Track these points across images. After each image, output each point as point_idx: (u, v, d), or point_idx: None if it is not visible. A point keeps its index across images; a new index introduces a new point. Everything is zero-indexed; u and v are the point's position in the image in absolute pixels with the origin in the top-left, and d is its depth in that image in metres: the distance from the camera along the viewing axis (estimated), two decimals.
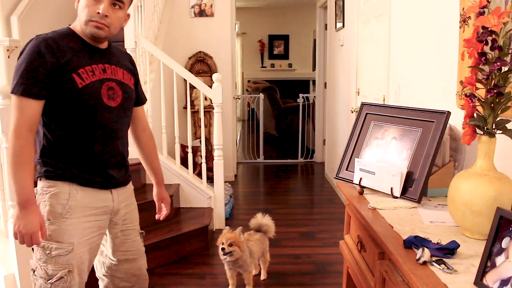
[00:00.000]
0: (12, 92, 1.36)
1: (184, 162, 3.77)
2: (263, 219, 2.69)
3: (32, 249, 1.47)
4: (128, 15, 1.55)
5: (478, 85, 1.19)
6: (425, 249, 1.09)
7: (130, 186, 1.67)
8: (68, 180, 1.45)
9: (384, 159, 1.68)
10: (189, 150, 3.55)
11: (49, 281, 1.42)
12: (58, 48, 1.38)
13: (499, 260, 0.95)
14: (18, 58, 1.40)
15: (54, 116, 1.43)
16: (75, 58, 1.41)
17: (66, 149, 1.45)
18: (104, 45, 1.53)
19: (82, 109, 1.43)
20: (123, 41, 3.19)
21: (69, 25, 1.51)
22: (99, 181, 1.50)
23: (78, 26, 1.47)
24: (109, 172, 1.53)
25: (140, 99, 1.68)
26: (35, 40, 1.38)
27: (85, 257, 1.48)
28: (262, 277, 2.73)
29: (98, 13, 1.39)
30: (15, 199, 1.37)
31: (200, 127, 4.87)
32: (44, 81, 1.36)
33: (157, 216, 1.82)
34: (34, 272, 1.47)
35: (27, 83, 1.34)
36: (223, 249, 2.36)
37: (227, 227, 2.47)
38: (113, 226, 1.59)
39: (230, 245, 2.36)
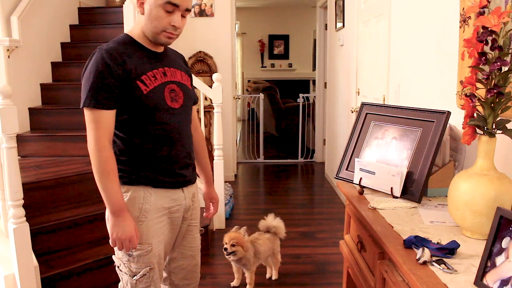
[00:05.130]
0: (84, 106, 1.38)
1: None
2: (273, 221, 2.68)
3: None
4: None
5: (478, 85, 1.19)
6: (425, 249, 1.09)
7: (196, 184, 1.69)
8: (142, 184, 1.48)
9: (384, 159, 1.67)
10: None
11: (134, 278, 1.50)
12: (121, 58, 1.41)
13: (499, 260, 0.95)
14: (83, 73, 1.41)
15: (122, 123, 1.45)
16: (137, 66, 1.43)
17: (136, 153, 1.47)
18: (161, 49, 1.55)
19: (148, 113, 1.45)
20: None
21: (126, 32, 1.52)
22: (172, 181, 1.53)
23: (136, 31, 1.49)
24: (180, 172, 1.55)
25: (194, 99, 1.69)
26: (98, 52, 1.40)
27: (162, 253, 1.55)
28: (274, 277, 2.73)
29: (173, 25, 1.42)
30: (108, 209, 1.42)
31: None
32: (113, 91, 1.38)
33: (204, 214, 1.83)
34: (119, 267, 1.54)
35: (98, 95, 1.37)
36: (225, 249, 2.40)
37: (236, 226, 2.50)
38: (183, 222, 1.62)
39: (233, 245, 2.38)
